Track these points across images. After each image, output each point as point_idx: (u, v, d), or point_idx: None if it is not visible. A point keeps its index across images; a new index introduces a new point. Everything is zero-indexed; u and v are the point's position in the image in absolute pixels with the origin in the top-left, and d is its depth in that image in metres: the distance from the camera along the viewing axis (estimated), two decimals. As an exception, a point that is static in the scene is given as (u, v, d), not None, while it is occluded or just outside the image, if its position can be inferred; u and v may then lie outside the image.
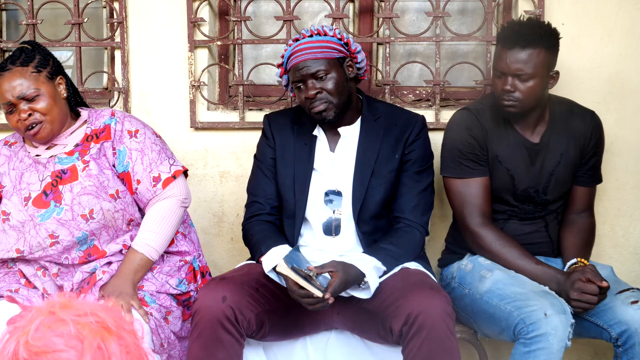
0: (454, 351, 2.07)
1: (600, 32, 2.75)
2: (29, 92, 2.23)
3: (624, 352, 2.22)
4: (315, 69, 2.31)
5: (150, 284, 2.33)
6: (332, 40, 2.35)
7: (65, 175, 2.30)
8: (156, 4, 2.87)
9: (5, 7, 3.08)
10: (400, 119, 2.45)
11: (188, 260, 2.42)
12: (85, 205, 2.26)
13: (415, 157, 2.40)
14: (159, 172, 2.36)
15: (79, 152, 2.33)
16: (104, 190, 2.29)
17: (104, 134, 2.35)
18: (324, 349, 2.33)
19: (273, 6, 2.93)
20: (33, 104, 2.24)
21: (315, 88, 2.31)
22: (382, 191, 2.37)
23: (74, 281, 2.29)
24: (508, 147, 2.44)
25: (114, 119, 2.38)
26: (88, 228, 2.28)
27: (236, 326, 2.11)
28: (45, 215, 2.27)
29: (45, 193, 2.29)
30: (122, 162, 2.34)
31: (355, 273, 2.15)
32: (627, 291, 2.30)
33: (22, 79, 2.23)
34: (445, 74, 2.82)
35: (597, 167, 2.54)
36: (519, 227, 2.50)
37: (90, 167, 2.30)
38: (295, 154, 2.43)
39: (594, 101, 2.68)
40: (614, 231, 2.83)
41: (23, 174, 2.33)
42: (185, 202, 2.41)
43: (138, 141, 2.36)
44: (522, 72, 2.30)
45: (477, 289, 2.36)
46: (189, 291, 2.39)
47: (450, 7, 2.86)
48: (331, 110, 2.33)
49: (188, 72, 2.86)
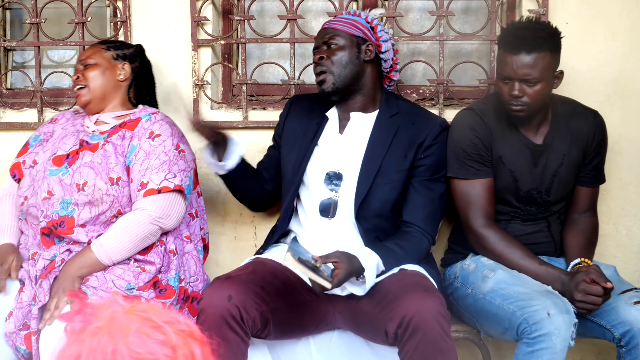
0: (450, 352, 2.07)
1: (604, 31, 2.75)
2: (89, 61, 2.51)
3: (627, 352, 2.22)
4: (328, 36, 2.41)
5: (94, 280, 2.28)
6: (359, 20, 2.45)
7: (88, 145, 2.41)
8: (160, 3, 2.87)
9: (9, 6, 3.08)
10: (418, 119, 2.44)
11: (147, 269, 2.31)
12: (83, 176, 2.35)
13: (429, 163, 2.39)
14: (149, 180, 2.33)
15: (109, 132, 2.44)
16: (105, 171, 2.35)
17: (131, 124, 2.45)
18: (327, 348, 2.33)
19: (277, 5, 2.93)
20: (86, 70, 2.49)
21: (321, 53, 2.41)
22: (386, 191, 2.37)
23: (37, 268, 2.30)
24: (511, 149, 2.44)
25: (151, 117, 2.47)
26: (76, 197, 2.34)
27: (241, 325, 2.12)
28: (54, 171, 2.39)
29: (68, 156, 2.41)
30: (129, 156, 2.39)
31: (357, 266, 2.15)
32: (631, 291, 2.29)
33: (90, 49, 2.56)
34: (448, 73, 2.82)
35: (600, 167, 2.54)
36: (521, 227, 2.49)
37: (106, 148, 2.39)
38: (304, 131, 2.49)
39: (597, 101, 2.68)
40: (617, 231, 2.82)
41: (66, 136, 2.50)
42: (158, 221, 2.31)
43: (152, 144, 2.38)
44: (529, 77, 2.28)
45: (480, 289, 2.36)
46: (139, 297, 2.28)
47: (454, 6, 2.85)
48: (330, 81, 2.39)
49: (191, 71, 2.86)
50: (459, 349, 2.72)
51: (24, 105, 2.97)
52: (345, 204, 2.38)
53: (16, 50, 3.15)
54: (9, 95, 3.06)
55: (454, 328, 2.47)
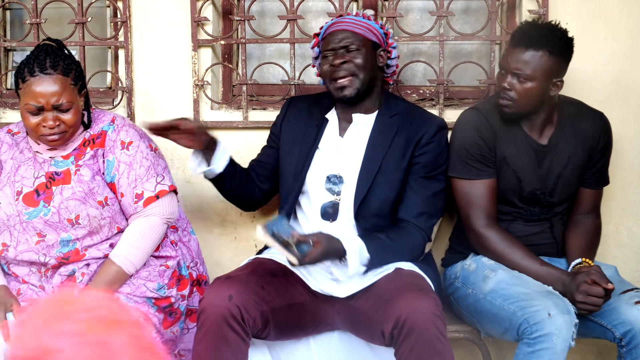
0: (446, 353, 2.07)
1: (604, 31, 2.75)
2: (65, 104, 2.24)
3: (627, 352, 2.22)
4: (349, 41, 2.39)
5: (125, 286, 2.29)
6: (373, 26, 2.44)
7: (59, 177, 2.30)
8: (160, 4, 2.87)
9: (9, 6, 3.08)
10: (416, 118, 2.44)
11: (170, 265, 2.37)
12: (72, 210, 2.26)
13: (424, 161, 2.38)
14: (143, 190, 2.32)
15: (74, 156, 2.33)
16: (92, 197, 2.28)
17: (99, 140, 2.35)
18: (328, 349, 2.33)
19: (277, 5, 2.93)
20: (62, 114, 2.25)
21: (344, 57, 2.37)
22: (386, 190, 2.36)
23: (53, 283, 2.28)
24: (516, 149, 2.43)
25: (112, 125, 2.37)
26: (74, 232, 2.28)
27: (242, 325, 2.12)
28: (32, 213, 2.27)
29: (37, 192, 2.29)
30: (110, 172, 2.33)
31: (337, 247, 2.15)
32: (631, 291, 2.30)
33: (62, 90, 2.23)
34: (449, 74, 2.82)
35: (604, 169, 2.53)
36: (523, 228, 2.49)
37: (81, 173, 2.29)
38: (304, 133, 2.47)
39: (598, 100, 2.68)
40: (618, 231, 2.82)
41: (20, 167, 2.33)
42: (169, 220, 2.38)
43: (129, 154, 2.33)
44: (520, 72, 2.29)
45: (481, 289, 2.36)
46: (169, 296, 2.34)
47: (454, 7, 2.85)
48: (353, 86, 2.37)
49: (192, 72, 2.86)
50: (459, 349, 2.74)
51: (24, 105, 2.96)
52: (346, 206, 2.38)
53: (16, 50, 3.15)
54: (9, 95, 3.06)
55: (454, 328, 2.47)
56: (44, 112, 2.23)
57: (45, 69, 2.23)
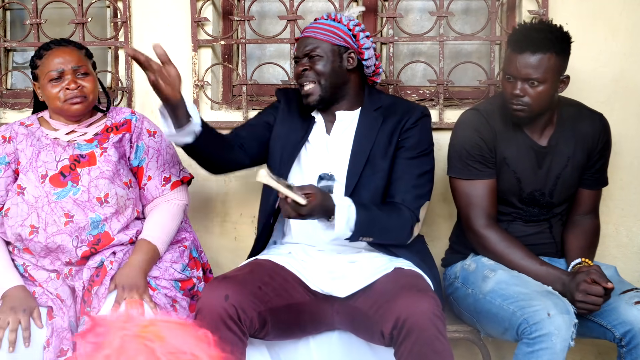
0: (445, 352, 2.06)
1: (604, 31, 2.75)
2: (83, 67, 2.38)
3: (627, 352, 2.21)
4: (310, 48, 2.39)
5: (154, 270, 2.34)
6: (340, 28, 2.42)
7: (84, 159, 2.37)
8: (160, 4, 2.88)
9: (9, 6, 3.08)
10: (400, 108, 2.44)
11: (187, 246, 2.47)
12: (102, 189, 2.33)
13: (409, 145, 2.38)
14: (170, 174, 2.48)
15: (98, 140, 2.41)
16: (119, 177, 2.38)
17: (124, 126, 2.46)
18: (328, 349, 2.32)
19: (277, 6, 2.93)
20: (82, 80, 2.37)
21: (305, 65, 2.39)
22: (376, 180, 2.36)
23: (84, 279, 2.29)
24: (516, 150, 2.43)
25: (134, 116, 2.50)
26: (102, 211, 2.33)
27: (239, 324, 2.12)
28: (61, 193, 2.31)
29: (62, 174, 2.34)
30: (139, 156, 2.45)
31: (329, 203, 2.15)
32: (631, 291, 2.29)
33: (78, 55, 2.40)
34: (449, 74, 2.82)
35: (603, 170, 2.53)
36: (523, 228, 2.49)
37: (109, 153, 2.38)
38: (291, 130, 2.47)
39: (598, 101, 2.68)
40: (617, 231, 2.82)
41: (40, 152, 2.38)
42: (186, 207, 2.53)
43: (156, 141, 2.48)
44: (531, 77, 2.28)
45: (480, 289, 2.36)
46: (192, 278, 2.40)
47: (454, 7, 2.85)
48: (315, 93, 2.38)
49: (192, 72, 2.86)
50: (459, 349, 2.74)
51: (25, 105, 2.97)
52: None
53: (17, 50, 3.16)
54: (10, 95, 3.07)
55: (454, 328, 2.47)
56: (64, 78, 2.35)
57: (60, 43, 2.43)
